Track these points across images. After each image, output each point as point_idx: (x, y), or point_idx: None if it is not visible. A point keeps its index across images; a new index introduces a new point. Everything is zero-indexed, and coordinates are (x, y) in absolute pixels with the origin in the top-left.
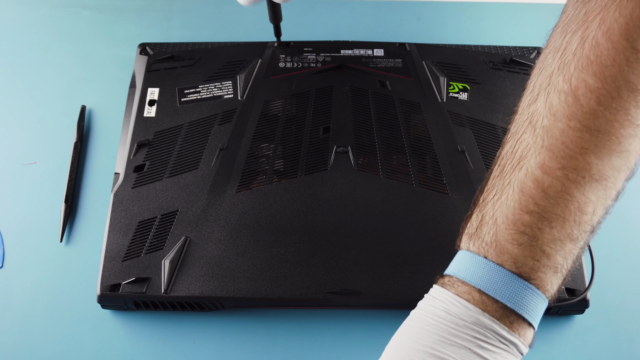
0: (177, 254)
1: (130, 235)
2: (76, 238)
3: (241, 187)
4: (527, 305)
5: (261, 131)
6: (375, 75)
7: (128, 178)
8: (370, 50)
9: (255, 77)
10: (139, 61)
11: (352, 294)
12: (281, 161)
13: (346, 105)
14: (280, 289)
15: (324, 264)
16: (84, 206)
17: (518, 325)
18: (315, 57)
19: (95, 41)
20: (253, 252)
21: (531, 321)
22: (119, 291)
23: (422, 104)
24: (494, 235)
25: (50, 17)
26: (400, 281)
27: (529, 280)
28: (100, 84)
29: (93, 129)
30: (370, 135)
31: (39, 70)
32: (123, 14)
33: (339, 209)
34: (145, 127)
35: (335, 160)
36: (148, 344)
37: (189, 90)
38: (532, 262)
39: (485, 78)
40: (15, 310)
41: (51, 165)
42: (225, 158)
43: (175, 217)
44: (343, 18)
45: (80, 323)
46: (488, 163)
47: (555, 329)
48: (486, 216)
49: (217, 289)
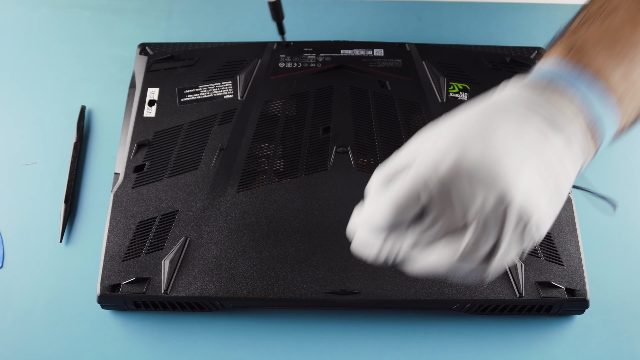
0: (177, 254)
1: (130, 236)
2: (76, 238)
3: (241, 187)
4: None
5: (261, 131)
6: (375, 76)
7: (128, 178)
8: (370, 50)
9: (255, 77)
10: (138, 61)
11: (352, 294)
12: (281, 161)
13: (346, 105)
14: (280, 289)
15: (324, 264)
16: (84, 206)
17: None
18: (315, 57)
19: (95, 41)
20: (253, 252)
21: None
22: (119, 291)
23: (422, 104)
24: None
25: (50, 17)
26: (400, 281)
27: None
28: (100, 84)
29: (93, 129)
30: (370, 136)
31: (39, 70)
32: (123, 14)
33: (339, 209)
34: (145, 127)
35: (335, 160)
36: (148, 344)
37: (189, 90)
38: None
39: (485, 78)
40: (15, 310)
41: (51, 165)
42: (225, 158)
43: (175, 217)
44: (343, 18)
45: (80, 323)
46: None
47: (555, 329)
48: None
49: (217, 289)
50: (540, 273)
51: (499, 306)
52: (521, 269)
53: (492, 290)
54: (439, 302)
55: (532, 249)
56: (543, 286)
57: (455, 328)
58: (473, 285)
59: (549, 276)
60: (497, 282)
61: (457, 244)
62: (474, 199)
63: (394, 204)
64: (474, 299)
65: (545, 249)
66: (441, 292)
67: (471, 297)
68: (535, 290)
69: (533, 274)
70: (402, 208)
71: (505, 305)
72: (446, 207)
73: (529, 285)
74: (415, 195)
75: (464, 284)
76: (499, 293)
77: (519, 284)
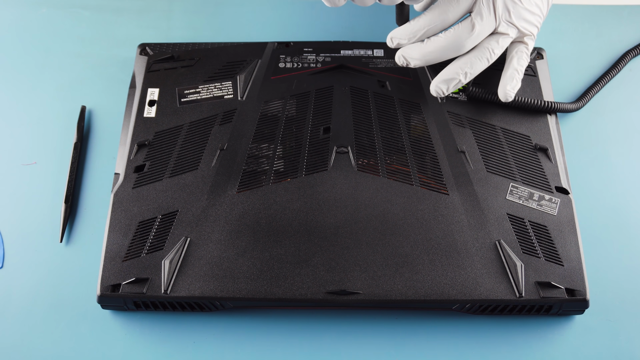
0: (177, 254)
1: (130, 236)
2: (76, 238)
3: (241, 187)
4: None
5: (261, 131)
6: (375, 76)
7: (128, 178)
8: (370, 50)
9: (255, 77)
10: (139, 61)
11: (352, 294)
12: (281, 161)
13: (346, 105)
14: (280, 289)
15: (324, 264)
16: (84, 206)
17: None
18: (315, 57)
19: (95, 41)
20: (253, 253)
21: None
22: (119, 291)
23: (422, 104)
24: None
25: (50, 17)
26: (400, 281)
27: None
28: (100, 85)
29: (93, 129)
30: (370, 136)
31: (39, 70)
32: (123, 14)
33: (339, 209)
34: (145, 127)
35: (336, 160)
36: (148, 344)
37: (189, 90)
38: None
39: (485, 78)
40: (15, 310)
41: (51, 166)
42: (225, 158)
43: (175, 217)
44: (343, 18)
45: (80, 323)
46: (488, 163)
47: (555, 329)
48: None
49: (217, 289)
50: (540, 273)
51: (498, 306)
52: (521, 269)
53: (492, 291)
54: (439, 302)
55: (532, 249)
56: (543, 286)
57: (455, 328)
58: (473, 285)
59: (549, 276)
60: (497, 282)
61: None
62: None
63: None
64: (474, 299)
65: (545, 249)
66: (441, 292)
67: (471, 297)
68: (535, 291)
69: (533, 274)
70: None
71: (505, 306)
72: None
73: (529, 285)
74: None
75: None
76: (499, 293)
77: (519, 284)
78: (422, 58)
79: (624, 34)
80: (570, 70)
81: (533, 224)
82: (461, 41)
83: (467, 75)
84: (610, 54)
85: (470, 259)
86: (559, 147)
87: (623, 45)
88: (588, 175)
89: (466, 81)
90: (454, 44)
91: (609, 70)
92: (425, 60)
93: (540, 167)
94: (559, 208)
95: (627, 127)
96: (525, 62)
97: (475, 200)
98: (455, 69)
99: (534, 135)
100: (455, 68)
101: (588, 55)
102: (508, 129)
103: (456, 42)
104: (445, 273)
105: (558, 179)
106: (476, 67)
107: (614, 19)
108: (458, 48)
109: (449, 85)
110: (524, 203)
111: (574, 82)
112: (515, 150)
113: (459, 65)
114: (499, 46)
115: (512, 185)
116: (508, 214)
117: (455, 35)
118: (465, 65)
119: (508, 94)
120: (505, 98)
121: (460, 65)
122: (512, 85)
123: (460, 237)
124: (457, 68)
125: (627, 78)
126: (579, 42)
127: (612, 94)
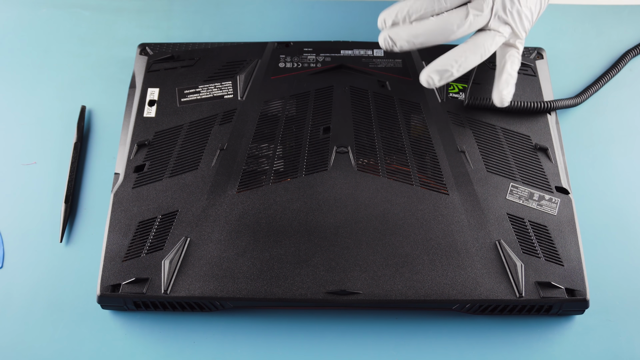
0: (177, 254)
1: (130, 236)
2: (76, 238)
3: (241, 187)
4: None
5: (261, 131)
6: (375, 76)
7: (128, 178)
8: (370, 50)
9: (255, 77)
10: (138, 61)
11: (352, 294)
12: (281, 161)
13: (346, 105)
14: (280, 289)
15: (324, 264)
16: (84, 206)
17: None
18: (315, 57)
19: (95, 41)
20: (253, 253)
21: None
22: (119, 291)
23: (422, 104)
24: None
25: (50, 17)
26: (400, 281)
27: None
28: (100, 84)
29: (93, 129)
30: (370, 136)
31: (39, 70)
32: (123, 14)
33: (339, 209)
34: (145, 127)
35: (335, 160)
36: (148, 344)
37: (189, 90)
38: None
39: (485, 78)
40: (15, 310)
41: (51, 166)
42: (225, 158)
43: (175, 217)
44: (343, 18)
45: (80, 323)
46: (488, 163)
47: (555, 329)
48: None
49: (217, 289)
50: (540, 273)
51: (499, 306)
52: (521, 269)
53: (492, 290)
54: (438, 302)
55: (532, 249)
56: (543, 286)
57: (455, 328)
58: (473, 285)
59: (549, 276)
60: (497, 282)
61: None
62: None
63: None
64: (474, 299)
65: (545, 249)
66: (441, 292)
67: (471, 297)
68: (535, 291)
69: (533, 274)
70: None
71: (505, 306)
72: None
73: (529, 285)
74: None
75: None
76: (499, 293)
77: (519, 284)
78: (409, 40)
79: (624, 34)
80: (570, 70)
81: (533, 224)
82: (452, 27)
83: (459, 69)
84: (610, 54)
85: (470, 259)
86: (559, 147)
87: (623, 45)
88: (588, 175)
89: (457, 75)
90: (444, 29)
91: (609, 70)
92: (411, 43)
93: (540, 167)
94: (559, 208)
95: (627, 127)
96: (517, 66)
97: (475, 200)
98: (449, 59)
99: (534, 135)
100: (449, 59)
101: (588, 55)
102: (508, 129)
103: (446, 27)
104: (445, 273)
105: (558, 179)
106: (469, 61)
107: (614, 18)
108: (447, 34)
109: (441, 77)
110: (524, 203)
111: (574, 81)
112: (515, 150)
113: (452, 56)
114: (493, 43)
115: (512, 185)
116: (508, 213)
117: (446, 20)
118: (459, 57)
119: (504, 99)
120: (501, 103)
121: (454, 56)
122: (507, 90)
123: (460, 237)
124: (451, 59)
125: (627, 78)
126: (579, 41)
127: (612, 94)
